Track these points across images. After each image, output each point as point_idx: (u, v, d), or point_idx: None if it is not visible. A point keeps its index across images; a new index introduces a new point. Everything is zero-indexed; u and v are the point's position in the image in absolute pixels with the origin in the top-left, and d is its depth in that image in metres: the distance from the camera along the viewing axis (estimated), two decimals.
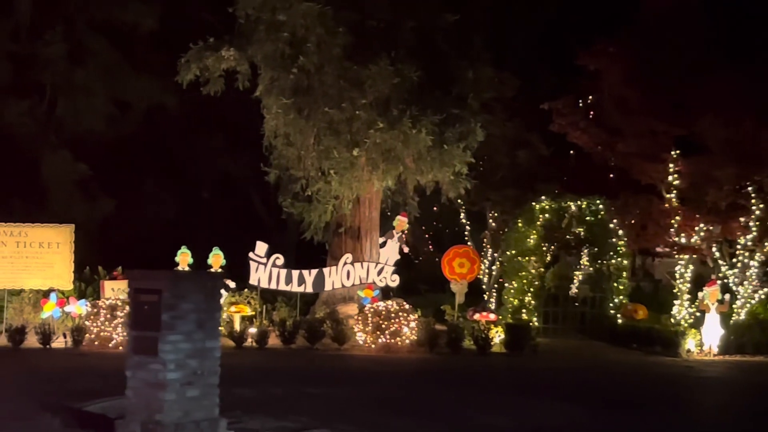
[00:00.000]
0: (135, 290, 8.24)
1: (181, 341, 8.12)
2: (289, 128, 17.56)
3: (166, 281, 8.12)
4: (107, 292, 16.20)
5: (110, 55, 25.73)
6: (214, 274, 9.44)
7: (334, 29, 16.86)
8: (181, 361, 8.13)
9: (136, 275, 8.40)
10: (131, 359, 8.21)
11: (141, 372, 8.13)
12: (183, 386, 8.15)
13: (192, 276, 8.99)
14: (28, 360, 13.91)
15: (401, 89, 16.80)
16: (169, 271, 10.93)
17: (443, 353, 15.46)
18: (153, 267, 17.44)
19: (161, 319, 8.03)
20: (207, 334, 8.36)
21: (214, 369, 8.46)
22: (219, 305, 8.55)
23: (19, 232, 15.95)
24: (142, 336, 8.12)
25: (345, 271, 17.19)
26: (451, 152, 16.90)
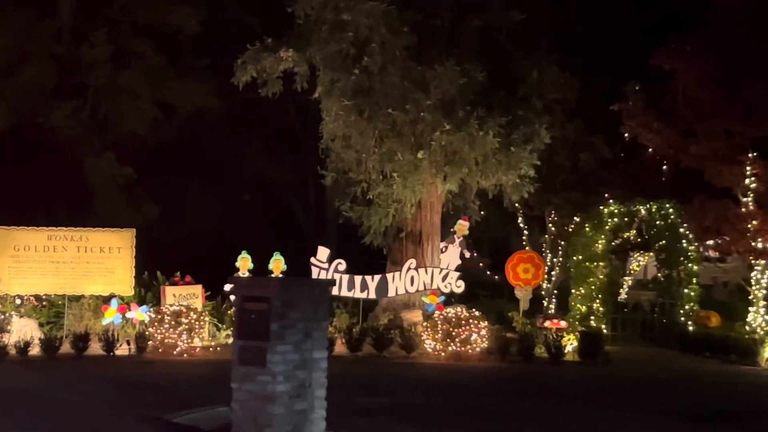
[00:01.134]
0: (242, 298, 7.85)
1: (290, 352, 7.74)
2: (350, 130, 17.16)
3: (276, 289, 7.74)
4: (168, 298, 15.86)
5: (154, 58, 25.45)
6: (322, 282, 9.04)
7: (398, 29, 16.48)
8: (290, 373, 7.75)
9: (243, 282, 8.04)
10: (237, 370, 7.82)
11: (248, 384, 7.75)
12: (292, 399, 7.78)
13: (301, 283, 8.58)
14: (96, 368, 13.58)
15: (467, 90, 16.38)
16: (278, 279, 10.54)
17: (514, 361, 15.00)
18: (200, 271, 17.42)
19: (270, 329, 7.65)
20: (315, 344, 7.97)
21: (322, 381, 8.08)
22: (326, 314, 8.16)
23: (80, 237, 15.63)
24: (249, 346, 7.74)
25: (409, 277, 16.77)
26: (517, 155, 16.45)
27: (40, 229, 15.62)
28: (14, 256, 15.40)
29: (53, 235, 15.56)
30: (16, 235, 15.45)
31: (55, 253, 15.51)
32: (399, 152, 16.61)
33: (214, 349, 15.17)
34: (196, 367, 13.82)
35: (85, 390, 11.41)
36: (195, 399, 10.65)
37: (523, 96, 17.06)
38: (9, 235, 15.41)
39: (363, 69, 16.64)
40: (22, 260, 15.43)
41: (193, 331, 14.84)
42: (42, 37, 23.98)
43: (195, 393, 11.49)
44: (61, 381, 12.19)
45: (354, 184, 18.12)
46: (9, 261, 15.37)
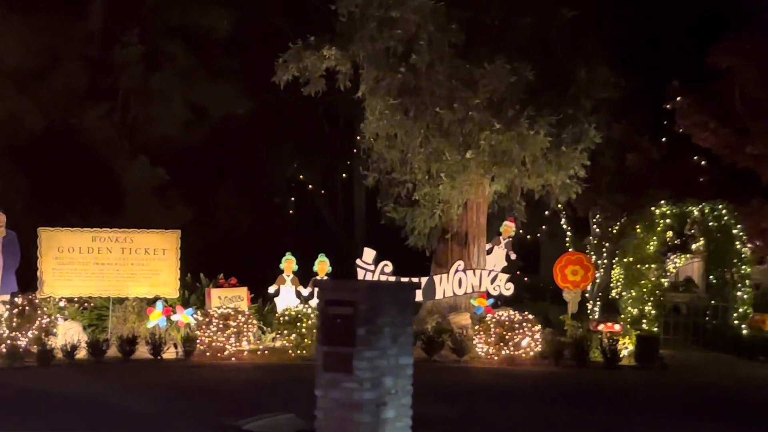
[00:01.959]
0: (326, 302, 7.55)
1: (377, 358, 7.45)
2: (395, 130, 16.85)
3: (362, 292, 7.44)
4: (214, 301, 15.59)
5: (185, 60, 25.21)
6: (407, 285, 8.73)
7: (446, 26, 16.16)
8: (377, 380, 7.46)
9: (327, 286, 7.74)
10: (322, 377, 7.53)
11: (333, 391, 7.45)
12: (378, 407, 7.48)
13: (387, 287, 8.31)
14: (146, 372, 13.34)
15: (516, 89, 16.04)
16: (364, 282, 10.22)
17: (569, 366, 14.65)
18: (234, 273, 17.14)
19: (356, 334, 7.35)
20: (400, 349, 7.68)
21: (407, 388, 7.78)
22: (412, 318, 7.85)
23: (125, 238, 15.38)
24: (334, 352, 7.44)
25: (456, 279, 16.44)
26: (568, 155, 16.10)
27: (84, 231, 15.39)
28: (58, 258, 15.16)
29: (98, 236, 15.31)
30: (60, 237, 15.22)
31: (99, 255, 15.26)
32: (447, 152, 16.29)
33: (261, 352, 14.88)
34: (248, 372, 13.54)
35: (143, 395, 11.13)
36: (257, 405, 10.39)
37: (572, 95, 16.71)
38: (53, 236, 15.18)
39: (409, 67, 16.34)
40: (66, 262, 15.20)
41: (241, 335, 14.55)
42: (74, 39, 23.78)
43: (255, 398, 11.22)
44: (115, 386, 11.91)
45: (397, 184, 17.84)
46: (53, 263, 15.14)
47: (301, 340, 14.64)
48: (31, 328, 13.94)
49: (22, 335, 13.85)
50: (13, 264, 15.34)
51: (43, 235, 15.14)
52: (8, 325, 13.88)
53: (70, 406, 10.49)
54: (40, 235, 15.16)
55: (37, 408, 10.32)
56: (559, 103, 16.37)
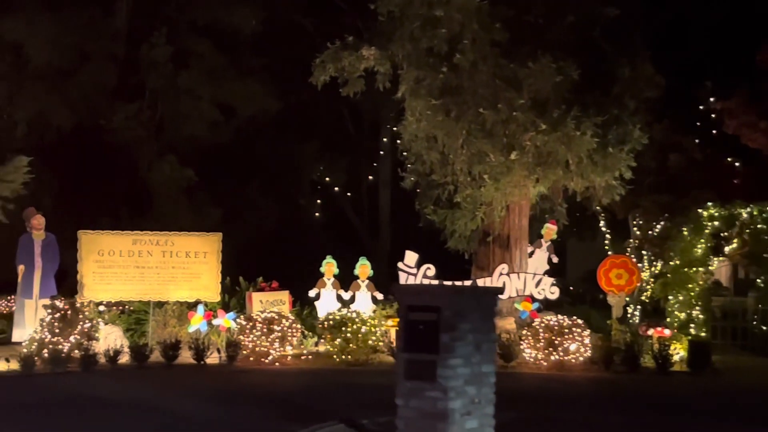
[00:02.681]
0: (407, 307, 7.26)
1: (461, 365, 7.17)
2: (437, 131, 16.56)
3: (446, 297, 7.16)
4: (255, 305, 15.33)
5: (213, 59, 25.02)
6: (491, 290, 8.46)
7: (489, 25, 15.88)
8: (461, 388, 7.17)
9: (409, 290, 7.48)
10: (403, 385, 7.24)
11: (415, 400, 7.17)
12: (463, 417, 7.19)
13: (470, 291, 8.02)
14: (192, 377, 13.10)
15: (561, 88, 15.75)
16: (447, 286, 9.94)
17: (620, 372, 14.32)
18: (265, 276, 16.88)
19: (440, 341, 7.07)
20: (483, 357, 7.39)
21: (490, 397, 7.49)
22: (494, 325, 7.55)
23: (165, 241, 15.14)
24: (416, 359, 7.16)
25: (500, 283, 16.13)
26: (614, 156, 15.80)
27: (125, 233, 15.16)
28: (98, 261, 14.94)
29: (138, 240, 15.08)
30: (100, 240, 15.00)
31: (140, 258, 15.03)
32: (490, 153, 16.00)
33: (305, 357, 14.61)
34: (295, 377, 13.28)
35: (196, 401, 10.87)
36: (314, 411, 10.17)
37: (616, 94, 16.40)
38: (94, 239, 14.96)
39: (451, 67, 16.06)
40: (107, 265, 14.98)
41: (285, 339, 14.29)
42: (102, 38, 23.64)
43: (307, 404, 10.95)
44: (164, 391, 11.67)
45: (437, 186, 17.56)
46: (93, 266, 14.92)
47: (346, 345, 14.37)
48: (73, 332, 13.70)
49: (64, 340, 13.61)
50: (53, 267, 15.17)
51: (84, 238, 14.93)
52: (50, 329, 13.64)
53: (127, 411, 10.26)
54: (81, 238, 14.94)
55: (96, 413, 10.11)
56: (604, 102, 16.07)
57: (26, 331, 14.77)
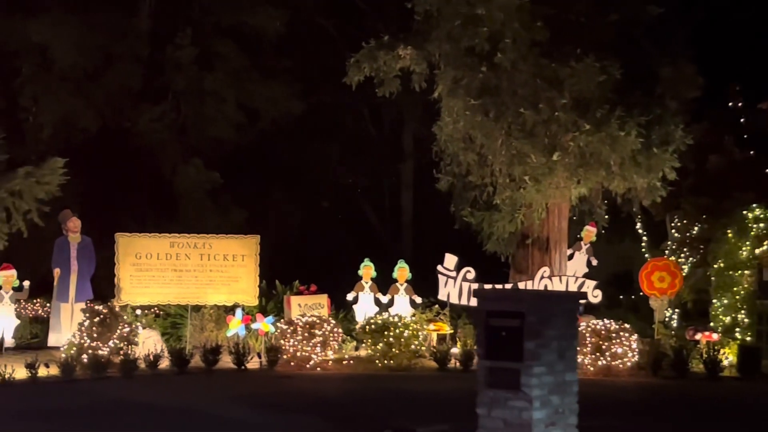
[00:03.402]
0: (488, 313, 6.99)
1: (545, 374, 6.91)
2: (475, 131, 16.26)
3: (530, 303, 6.88)
4: (294, 309, 15.07)
5: (238, 61, 24.81)
6: (574, 295, 8.18)
7: (530, 24, 15.59)
8: (545, 398, 6.91)
9: (489, 295, 7.20)
10: (485, 394, 6.98)
11: (498, 410, 6.91)
12: (547, 427, 6.92)
13: (555, 296, 7.74)
14: (236, 383, 12.87)
15: (604, 88, 15.44)
16: (532, 291, 9.64)
17: (668, 377, 14.01)
18: (292, 278, 16.64)
19: (524, 348, 6.79)
20: (567, 365, 7.12)
21: (574, 406, 7.22)
22: (577, 331, 7.27)
23: (203, 244, 14.89)
24: (499, 368, 6.89)
25: (542, 286, 15.83)
26: (659, 156, 15.48)
27: (162, 236, 14.92)
28: (136, 264, 14.70)
29: (176, 242, 14.84)
30: (137, 242, 14.76)
31: (177, 261, 14.78)
32: (532, 154, 15.69)
33: (347, 362, 14.33)
34: (340, 382, 13.02)
35: (246, 407, 10.64)
36: (365, 418, 10.02)
37: (658, 95, 16.10)
38: (131, 242, 14.72)
39: (490, 66, 15.77)
40: (144, 268, 14.73)
41: (327, 344, 14.02)
42: (127, 39, 23.44)
43: (362, 412, 10.69)
44: (211, 397, 11.46)
45: (473, 188, 17.28)
46: (131, 269, 14.68)
47: (388, 350, 14.09)
48: (112, 337, 13.46)
49: (103, 345, 13.36)
50: (89, 271, 14.95)
51: (121, 240, 14.69)
52: (89, 334, 13.39)
53: (177, 418, 10.05)
54: (118, 240, 14.71)
55: (147, 421, 9.88)
56: (646, 102, 15.76)
57: (62, 336, 14.56)
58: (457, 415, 10.35)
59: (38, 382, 12.43)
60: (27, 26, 21.73)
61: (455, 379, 13.45)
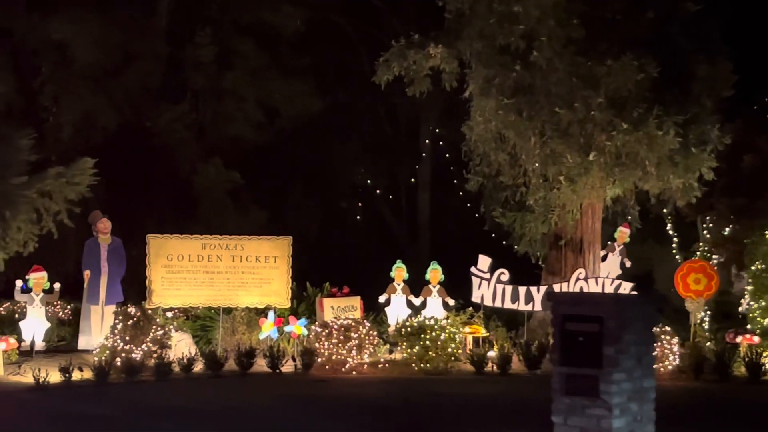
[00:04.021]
0: (563, 317, 6.74)
1: (624, 380, 6.64)
2: (508, 131, 16.03)
3: (610, 306, 6.63)
4: (327, 311, 14.82)
5: (257, 59, 24.57)
6: (654, 298, 7.95)
7: (566, 21, 15.34)
8: (624, 405, 6.66)
9: (565, 299, 6.94)
10: (561, 402, 6.72)
11: (575, 418, 6.65)
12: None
13: (634, 300, 7.47)
14: (275, 386, 12.63)
15: (642, 87, 15.19)
16: (611, 294, 9.38)
17: (710, 381, 13.73)
18: (314, 279, 16.38)
19: (603, 354, 6.53)
20: (645, 371, 6.86)
21: (651, 414, 6.97)
22: (654, 336, 7.02)
23: (235, 246, 14.65)
24: (576, 374, 6.63)
25: (578, 288, 15.55)
26: (697, 156, 15.24)
27: (194, 238, 14.68)
28: (167, 266, 14.46)
29: (207, 244, 14.59)
30: (169, 244, 14.52)
31: (209, 263, 14.54)
32: (567, 154, 15.44)
33: (382, 365, 14.07)
34: (380, 386, 12.76)
35: (297, 412, 10.45)
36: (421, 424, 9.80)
37: (696, 93, 15.83)
38: (163, 244, 14.48)
39: (525, 65, 15.52)
40: (176, 270, 14.49)
41: (362, 347, 13.77)
42: (147, 37, 23.21)
43: (416, 417, 10.46)
44: (256, 401, 11.29)
45: (505, 188, 17.05)
46: (162, 271, 14.43)
47: (424, 353, 13.83)
48: (145, 340, 13.21)
49: (136, 348, 13.12)
50: (119, 273, 14.70)
51: (152, 242, 14.45)
52: (122, 337, 13.15)
53: (231, 422, 9.82)
54: (149, 242, 14.47)
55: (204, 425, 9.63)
56: (683, 101, 15.51)
57: (92, 339, 14.32)
58: (517, 420, 10.16)
59: (72, 386, 12.20)
60: (47, 24, 21.52)
61: (495, 384, 13.23)
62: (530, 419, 9.58)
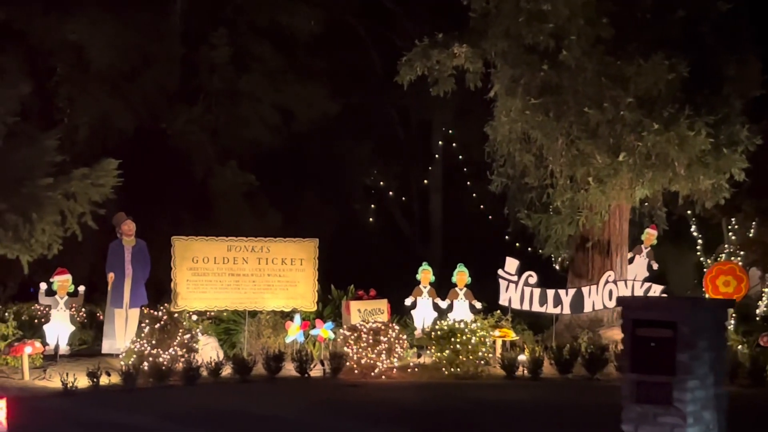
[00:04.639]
0: (634, 322, 6.52)
1: (697, 388, 6.43)
2: (535, 131, 15.82)
3: (684, 311, 6.41)
4: (354, 315, 14.57)
5: (273, 61, 24.36)
6: (723, 303, 7.71)
7: (596, 20, 15.14)
8: (698, 413, 6.46)
9: (636, 304, 6.72)
10: (631, 410, 6.51)
11: (647, 426, 6.46)
12: None
13: (707, 304, 7.26)
14: (305, 391, 12.40)
15: (672, 87, 14.99)
16: (684, 299, 9.13)
17: (745, 385, 13.49)
18: (335, 283, 16.16)
19: (676, 360, 6.32)
20: (717, 378, 6.63)
21: (724, 423, 6.72)
22: (726, 341, 6.79)
23: (261, 248, 14.41)
24: (648, 381, 6.42)
25: (607, 291, 15.33)
26: (728, 157, 15.03)
27: (219, 239, 14.42)
28: (192, 269, 14.20)
29: (233, 246, 14.34)
30: (194, 246, 14.27)
31: (235, 265, 14.29)
32: (596, 155, 15.23)
33: (411, 369, 13.84)
34: (414, 391, 12.55)
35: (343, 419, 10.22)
36: None
37: (726, 93, 15.64)
38: (188, 246, 14.23)
39: (553, 64, 15.32)
40: (201, 273, 14.22)
41: (392, 351, 13.54)
42: (164, 39, 23.00)
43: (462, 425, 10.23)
44: (291, 405, 11.10)
45: (530, 189, 16.84)
46: (187, 274, 14.18)
47: (455, 357, 13.61)
48: (172, 344, 12.98)
49: (163, 352, 12.89)
50: (143, 275, 14.47)
51: (177, 244, 14.21)
52: (148, 341, 12.92)
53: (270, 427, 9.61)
54: (174, 244, 14.23)
55: None
56: (714, 101, 15.31)
57: (116, 342, 14.09)
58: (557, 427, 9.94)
59: (101, 391, 11.97)
60: (63, 25, 21.28)
61: (527, 388, 13.01)
62: (570, 426, 9.40)
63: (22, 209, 12.49)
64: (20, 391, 11.58)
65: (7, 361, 12.94)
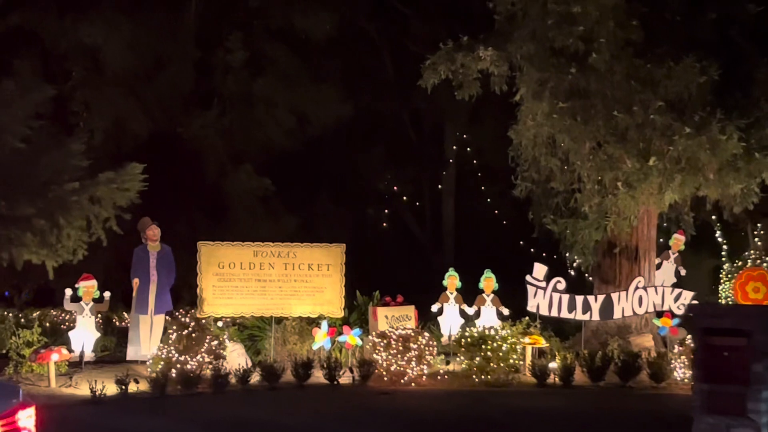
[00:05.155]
0: (704, 330, 6.31)
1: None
2: (562, 135, 15.61)
3: (759, 320, 6.18)
4: (381, 321, 14.37)
5: (288, 64, 24.18)
6: None
7: (626, 23, 14.95)
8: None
9: (707, 311, 6.50)
10: (702, 420, 6.30)
11: None
12: None
13: None
14: (335, 399, 12.19)
15: (703, 90, 14.80)
16: (760, 307, 8.91)
17: None
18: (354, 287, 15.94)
19: (750, 370, 6.10)
20: None
21: None
22: None
23: (287, 253, 14.20)
24: (720, 391, 6.20)
25: (636, 297, 15.12)
26: (760, 161, 14.82)
27: (245, 245, 14.23)
28: (219, 274, 14.01)
29: (259, 251, 14.14)
30: (220, 252, 14.07)
31: (261, 271, 14.09)
32: (626, 159, 15.02)
33: (441, 377, 13.62)
34: (447, 399, 12.34)
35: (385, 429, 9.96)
36: None
37: (755, 96, 15.43)
38: (214, 251, 14.04)
39: (581, 67, 15.11)
40: (227, 278, 14.04)
41: (422, 358, 13.33)
42: (179, 42, 22.84)
43: None
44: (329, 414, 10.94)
45: (556, 194, 16.63)
46: (213, 279, 13.99)
47: (486, 364, 13.40)
48: (200, 351, 12.77)
49: (191, 359, 12.68)
50: (168, 281, 14.26)
51: (203, 249, 14.02)
52: (176, 347, 12.71)
53: None
54: (200, 249, 14.04)
55: None
56: (745, 105, 15.12)
57: (140, 349, 13.88)
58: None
59: (129, 398, 11.76)
60: (78, 28, 21.11)
61: (560, 396, 12.79)
62: None
63: (50, 213, 12.27)
64: (48, 398, 11.36)
65: (32, 368, 12.73)
